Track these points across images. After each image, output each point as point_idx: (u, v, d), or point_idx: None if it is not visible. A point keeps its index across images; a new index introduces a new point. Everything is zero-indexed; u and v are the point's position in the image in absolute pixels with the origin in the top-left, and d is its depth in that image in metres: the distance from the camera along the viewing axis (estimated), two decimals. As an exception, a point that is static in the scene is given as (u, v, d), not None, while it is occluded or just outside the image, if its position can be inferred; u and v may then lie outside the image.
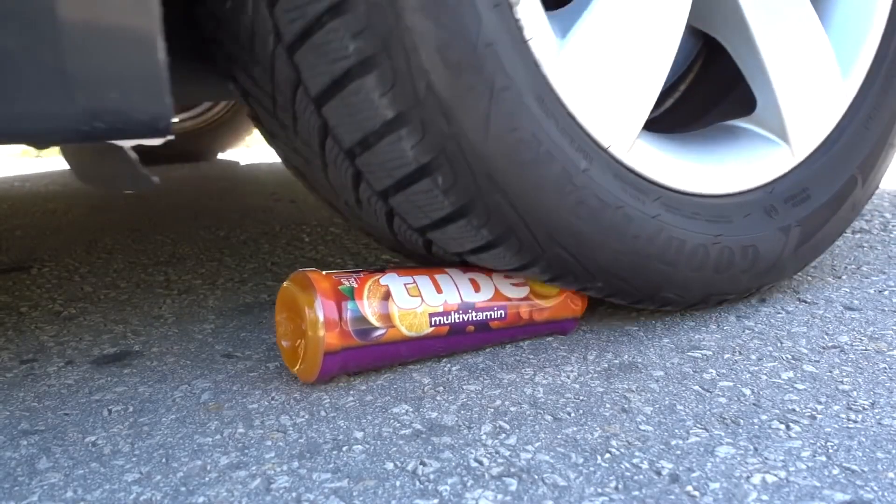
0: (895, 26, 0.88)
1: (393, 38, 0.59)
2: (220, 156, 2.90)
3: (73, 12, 0.50)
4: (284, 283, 0.71)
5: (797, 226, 0.83)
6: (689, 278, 0.77)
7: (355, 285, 0.69)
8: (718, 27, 0.83)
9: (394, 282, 0.71)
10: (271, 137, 0.80)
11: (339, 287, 0.68)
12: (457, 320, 0.72)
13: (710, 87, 0.95)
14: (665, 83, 0.93)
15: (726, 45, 0.83)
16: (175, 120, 2.54)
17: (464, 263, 0.77)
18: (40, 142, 0.55)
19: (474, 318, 0.73)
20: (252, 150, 3.36)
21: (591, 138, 0.70)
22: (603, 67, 0.69)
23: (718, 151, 0.82)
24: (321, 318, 0.66)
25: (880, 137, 0.89)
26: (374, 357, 0.69)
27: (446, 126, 0.62)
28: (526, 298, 0.76)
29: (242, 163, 2.70)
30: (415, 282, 0.71)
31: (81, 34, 0.51)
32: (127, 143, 0.58)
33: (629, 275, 0.73)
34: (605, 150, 0.70)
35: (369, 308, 0.68)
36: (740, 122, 0.85)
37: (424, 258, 0.83)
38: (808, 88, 0.83)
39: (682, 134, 0.86)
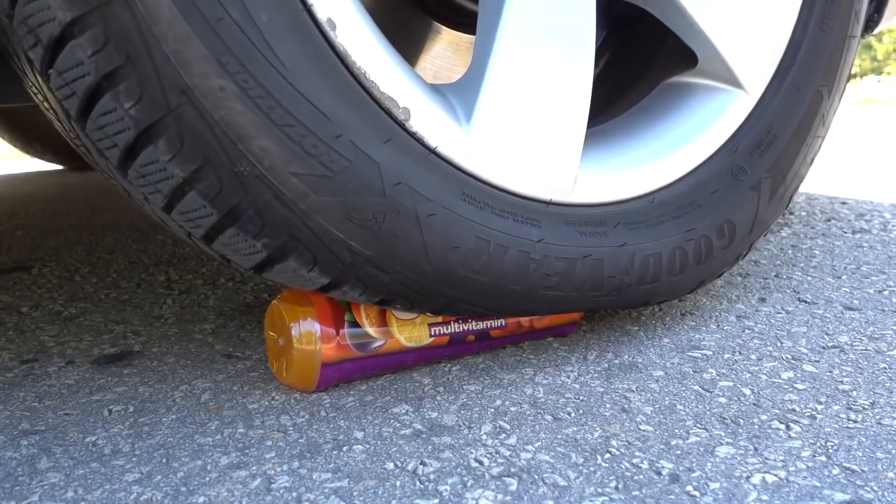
0: None
1: (297, 228, 0.57)
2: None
3: None
4: (276, 299, 0.69)
5: (767, 176, 0.77)
6: (675, 282, 0.76)
7: None
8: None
9: None
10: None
11: (336, 299, 0.67)
12: (457, 330, 0.72)
13: (634, 55, 0.87)
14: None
15: (648, 9, 0.76)
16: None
17: None
18: None
19: (474, 328, 0.73)
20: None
21: (534, 200, 0.67)
22: (522, 127, 0.65)
23: (669, 123, 0.77)
24: (318, 331, 0.65)
25: (839, 34, 0.80)
26: (373, 368, 0.69)
27: (386, 276, 0.61)
28: None
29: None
30: None
31: None
32: None
33: (616, 305, 0.73)
34: (550, 204, 0.68)
35: (367, 319, 0.68)
36: (685, 77, 0.78)
37: None
38: (748, 20, 0.75)
39: (623, 117, 0.80)
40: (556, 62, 0.65)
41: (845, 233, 1.19)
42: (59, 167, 2.91)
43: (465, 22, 0.97)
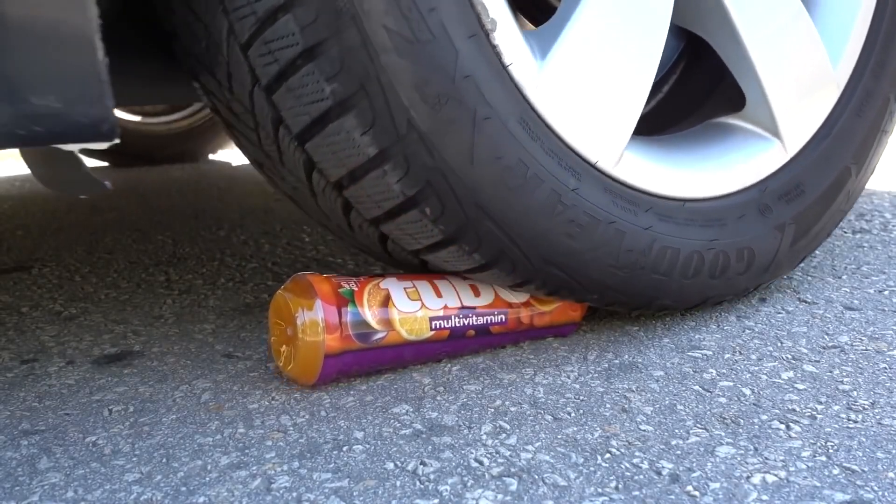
0: (884, 9, 0.86)
1: (370, 79, 0.59)
2: (212, 156, 2.89)
3: (5, 13, 0.49)
4: (281, 289, 0.70)
5: (792, 223, 0.82)
6: (685, 286, 0.76)
7: (355, 288, 0.69)
8: (702, 24, 0.81)
9: (394, 286, 0.70)
10: (258, 166, 0.79)
11: (340, 290, 0.68)
12: (457, 324, 0.72)
13: (695, 85, 0.93)
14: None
15: (711, 42, 0.81)
16: (167, 119, 2.51)
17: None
18: None
19: (475, 323, 0.73)
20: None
21: (579, 156, 0.69)
22: (586, 84, 0.69)
23: (709, 151, 0.81)
24: (321, 321, 0.65)
25: (873, 124, 0.87)
26: (373, 361, 0.69)
27: (430, 159, 0.62)
28: (526, 304, 0.76)
29: (235, 163, 2.70)
30: (415, 286, 0.71)
31: (15, 35, 0.49)
32: (75, 147, 0.56)
33: (624, 287, 0.73)
34: (593, 166, 0.70)
35: (369, 311, 0.68)
36: (731, 119, 0.84)
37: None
38: (797, 80, 0.81)
39: (670, 136, 0.86)
40: (629, 38, 0.70)
41: (845, 233, 1.18)
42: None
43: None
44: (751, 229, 0.79)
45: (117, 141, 0.54)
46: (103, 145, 0.54)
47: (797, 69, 0.81)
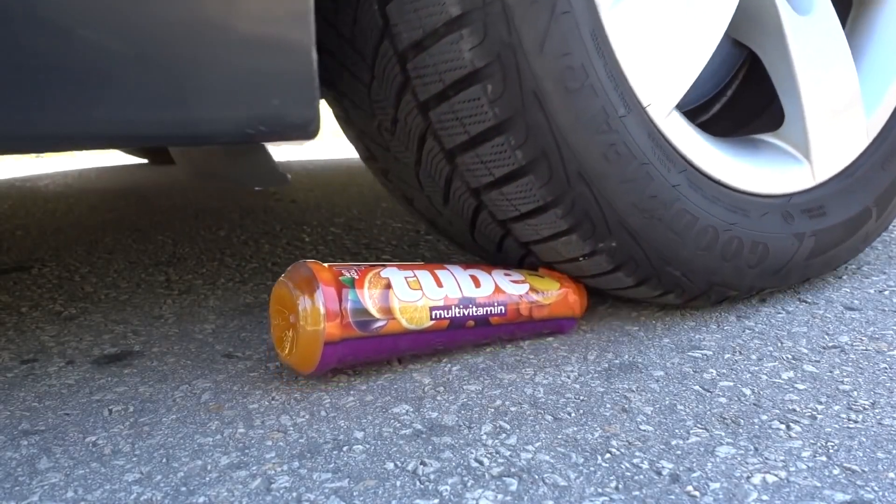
0: None
1: None
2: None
3: (241, 29, 0.57)
4: (283, 276, 0.70)
5: (812, 236, 0.85)
6: (696, 256, 0.77)
7: (356, 276, 0.69)
8: (758, 40, 0.86)
9: (394, 275, 0.71)
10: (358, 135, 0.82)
11: (340, 278, 0.68)
12: (457, 314, 0.72)
13: (748, 103, 0.99)
14: (711, 91, 1.00)
15: (762, 57, 0.86)
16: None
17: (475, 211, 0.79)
18: (208, 144, 0.61)
19: (474, 314, 0.73)
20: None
21: (633, 91, 0.72)
22: (652, 30, 0.73)
23: (744, 154, 0.84)
24: (322, 308, 0.65)
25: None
26: (373, 349, 0.69)
27: (506, 34, 0.64)
28: (526, 295, 0.76)
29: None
30: (415, 276, 0.71)
31: (250, 48, 0.58)
32: (282, 145, 0.63)
33: (640, 234, 0.74)
34: (643, 108, 0.73)
35: (370, 299, 0.68)
36: (766, 137, 0.88)
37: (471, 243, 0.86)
38: (834, 115, 0.86)
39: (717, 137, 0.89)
40: (699, 4, 0.75)
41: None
42: (59, 168, 2.90)
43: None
44: (771, 228, 0.82)
45: (315, 139, 0.63)
46: (307, 142, 0.60)
47: (835, 102, 0.86)
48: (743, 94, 1.01)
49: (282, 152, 2.86)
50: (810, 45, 0.83)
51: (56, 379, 0.76)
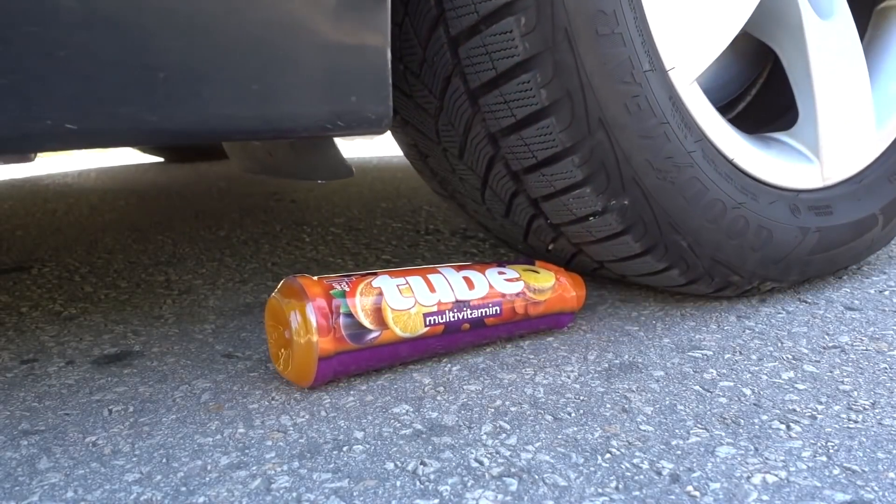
0: None
1: None
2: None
3: (327, 32, 0.61)
4: (274, 293, 0.70)
5: (816, 231, 0.85)
6: (703, 228, 0.78)
7: (347, 289, 0.68)
8: (779, 39, 0.87)
9: (386, 283, 0.70)
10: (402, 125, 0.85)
11: (331, 291, 0.67)
12: (452, 319, 0.72)
13: (770, 105, 1.02)
14: (736, 91, 1.03)
15: (781, 56, 0.88)
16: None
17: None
18: (292, 138, 0.64)
19: (469, 316, 0.73)
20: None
21: (658, 52, 0.74)
22: (685, 18, 0.75)
23: (758, 145, 0.85)
24: (314, 324, 0.65)
25: None
26: (369, 360, 0.69)
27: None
28: (520, 294, 0.76)
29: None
30: (407, 283, 0.71)
31: (331, 48, 0.62)
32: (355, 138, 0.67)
33: (652, 194, 0.75)
34: (666, 70, 0.74)
35: (362, 311, 0.68)
36: (780, 135, 0.89)
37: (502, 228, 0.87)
38: (845, 121, 0.88)
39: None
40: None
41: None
42: (59, 168, 2.90)
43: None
44: (777, 216, 0.83)
45: (386, 132, 0.67)
46: (376, 136, 0.64)
47: (848, 108, 0.88)
48: (764, 98, 1.03)
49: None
50: (828, 49, 0.85)
51: (56, 379, 0.76)
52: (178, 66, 0.56)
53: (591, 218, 0.76)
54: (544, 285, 0.78)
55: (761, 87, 1.04)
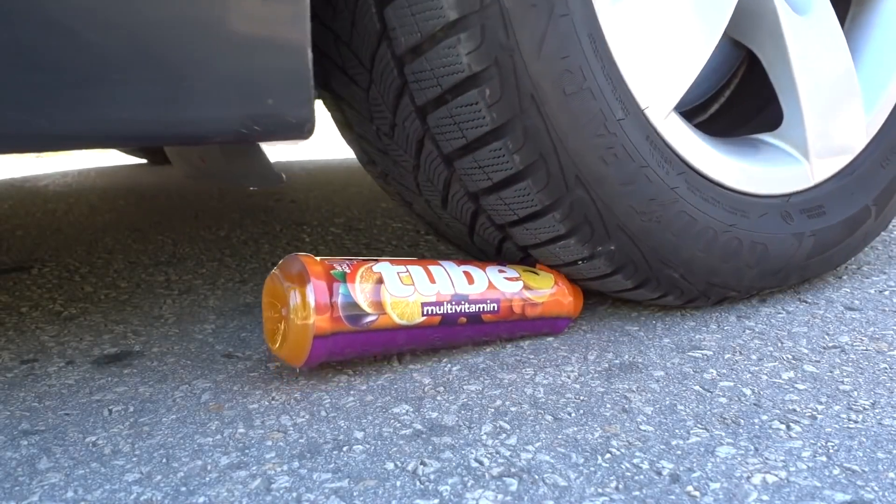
0: None
1: None
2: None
3: (238, 29, 0.57)
4: (275, 269, 0.70)
5: (811, 235, 0.85)
6: (695, 258, 0.77)
7: (347, 270, 0.69)
8: (757, 39, 0.86)
9: (387, 270, 0.70)
10: (357, 140, 0.83)
11: (332, 272, 0.68)
12: (449, 311, 0.72)
13: (747, 103, 0.99)
14: (710, 90, 1.00)
15: (761, 57, 0.86)
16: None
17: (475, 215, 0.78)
18: (203, 143, 0.61)
19: (467, 310, 0.73)
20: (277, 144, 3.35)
21: (631, 94, 0.72)
22: (651, 32, 0.73)
23: (742, 154, 0.84)
24: (312, 302, 0.65)
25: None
26: (364, 344, 0.69)
27: (504, 37, 0.64)
28: (519, 293, 0.76)
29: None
30: (408, 271, 0.71)
31: (243, 47, 0.57)
32: (276, 144, 0.63)
33: (639, 237, 0.74)
34: (641, 111, 0.73)
35: (361, 294, 0.68)
36: (765, 136, 0.88)
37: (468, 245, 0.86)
38: (833, 114, 0.86)
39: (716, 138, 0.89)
40: (697, 5, 0.76)
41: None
42: (59, 168, 2.90)
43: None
44: (770, 228, 0.82)
45: (310, 138, 0.62)
46: (300, 142, 0.60)
47: (834, 101, 0.86)
48: (741, 95, 1.00)
49: (282, 152, 2.86)
50: (809, 45, 0.83)
51: (56, 379, 0.76)
52: (68, 66, 0.52)
53: (580, 262, 0.76)
54: (543, 287, 0.78)
55: (736, 86, 1.02)
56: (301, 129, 0.61)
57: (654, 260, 0.76)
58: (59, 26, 0.52)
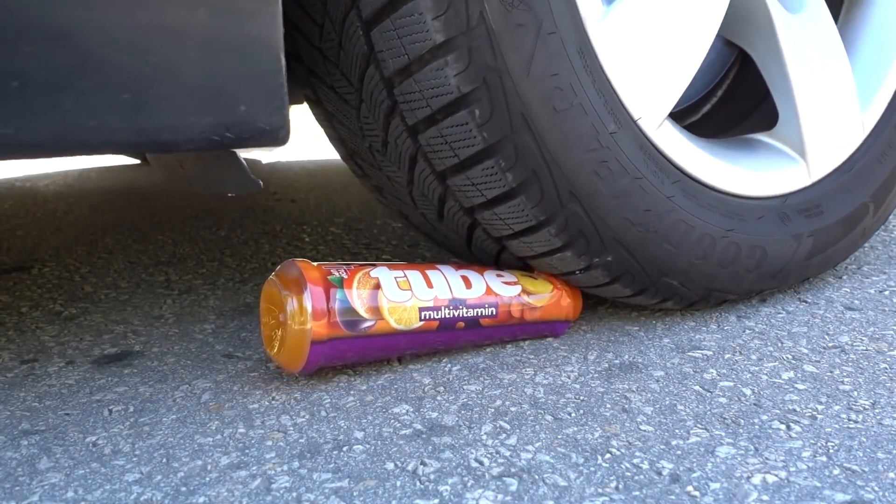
0: None
1: None
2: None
3: (206, 34, 0.55)
4: (272, 274, 0.70)
5: (810, 235, 0.84)
6: (693, 266, 0.77)
7: (345, 276, 0.69)
8: (750, 40, 0.86)
9: (384, 275, 0.70)
10: (328, 117, 0.82)
11: (329, 277, 0.68)
12: (447, 316, 0.72)
13: (740, 101, 0.99)
14: (702, 90, 0.99)
15: (754, 57, 0.86)
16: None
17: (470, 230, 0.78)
18: (175, 151, 0.59)
19: (465, 315, 0.73)
20: (253, 150, 3.35)
21: (623, 106, 0.72)
22: (641, 42, 0.72)
23: (738, 156, 0.84)
24: (310, 307, 0.65)
25: (893, 171, 0.91)
26: (361, 349, 0.69)
27: (492, 58, 0.64)
28: (517, 297, 0.76)
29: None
30: (405, 276, 0.71)
31: (213, 53, 0.56)
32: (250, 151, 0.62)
33: (635, 248, 0.74)
34: (634, 121, 0.72)
35: (358, 299, 0.68)
36: (761, 136, 0.88)
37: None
38: (828, 111, 0.85)
39: (710, 139, 0.89)
40: (688, 12, 0.75)
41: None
42: (59, 168, 2.90)
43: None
44: (768, 230, 0.81)
45: (286, 145, 0.61)
46: (276, 149, 0.59)
47: (829, 98, 0.85)
48: (733, 94, 1.00)
49: (282, 152, 2.86)
50: (802, 43, 0.83)
51: (56, 379, 0.76)
52: (32, 73, 0.50)
53: (577, 273, 0.76)
54: (541, 291, 0.78)
55: (729, 85, 1.01)
56: (275, 135, 0.59)
57: (651, 269, 0.76)
58: (24, 33, 0.51)
